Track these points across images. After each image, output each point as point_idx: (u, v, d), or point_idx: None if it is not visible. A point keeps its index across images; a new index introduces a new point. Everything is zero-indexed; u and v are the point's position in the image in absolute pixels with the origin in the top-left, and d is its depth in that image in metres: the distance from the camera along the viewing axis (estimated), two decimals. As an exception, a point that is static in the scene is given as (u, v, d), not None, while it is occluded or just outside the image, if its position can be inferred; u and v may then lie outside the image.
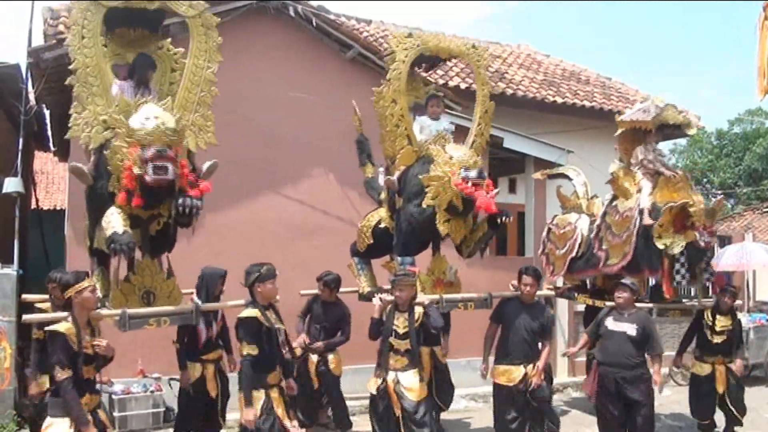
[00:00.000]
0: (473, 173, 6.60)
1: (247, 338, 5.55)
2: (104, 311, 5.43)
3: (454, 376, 8.39)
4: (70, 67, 5.61)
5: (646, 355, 7.17)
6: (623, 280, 7.34)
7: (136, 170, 5.20)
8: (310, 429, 7.96)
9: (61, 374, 4.66)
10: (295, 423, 7.85)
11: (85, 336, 4.87)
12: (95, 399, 5.00)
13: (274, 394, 5.68)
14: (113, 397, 8.04)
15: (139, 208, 5.45)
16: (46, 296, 6.35)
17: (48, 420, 4.81)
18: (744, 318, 12.40)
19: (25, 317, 5.53)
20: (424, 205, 6.84)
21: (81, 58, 5.58)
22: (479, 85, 7.51)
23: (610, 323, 7.22)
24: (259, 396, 5.56)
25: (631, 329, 7.04)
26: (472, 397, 9.97)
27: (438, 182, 6.71)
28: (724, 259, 12.65)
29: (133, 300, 5.63)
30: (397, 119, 7.03)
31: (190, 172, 5.61)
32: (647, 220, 7.77)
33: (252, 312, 5.62)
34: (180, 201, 5.40)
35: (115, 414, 8.01)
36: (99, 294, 5.09)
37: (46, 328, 4.86)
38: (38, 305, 6.23)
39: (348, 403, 8.09)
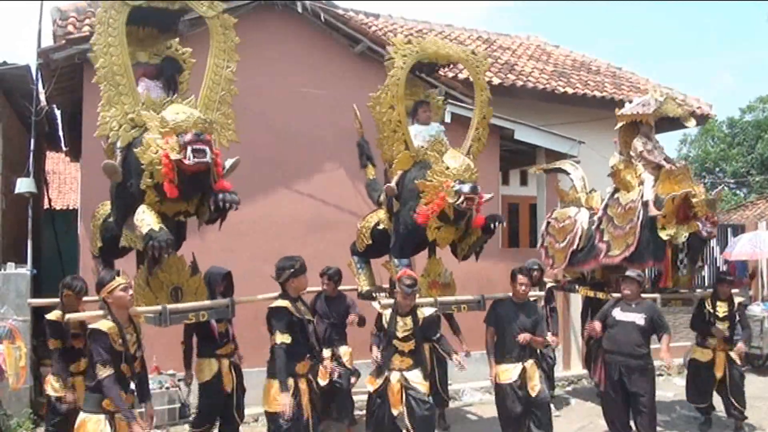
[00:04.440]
0: (467, 188, 6.63)
1: (280, 327, 5.64)
2: (143, 308, 5.48)
3: (468, 369, 8.39)
4: (96, 66, 5.63)
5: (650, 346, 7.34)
6: (629, 273, 7.46)
7: (174, 156, 5.24)
8: (323, 423, 8.02)
9: (103, 371, 4.69)
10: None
11: (127, 335, 4.90)
12: (131, 397, 5.03)
13: (303, 384, 5.75)
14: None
15: (173, 201, 5.51)
16: (53, 300, 6.38)
17: (82, 415, 4.85)
18: (758, 307, 12.37)
19: (69, 316, 5.59)
20: (418, 210, 6.89)
21: (107, 57, 5.60)
22: (478, 90, 7.49)
23: (618, 313, 7.39)
24: (289, 385, 5.63)
25: (639, 319, 7.25)
26: (486, 390, 9.96)
27: (432, 191, 6.76)
28: (738, 248, 12.60)
29: (162, 296, 5.71)
30: (394, 125, 7.05)
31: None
32: (653, 211, 7.85)
33: (282, 302, 5.73)
34: (220, 197, 5.51)
35: (131, 411, 8.05)
36: (131, 291, 5.07)
37: (89, 326, 4.87)
38: (48, 316, 6.21)
39: (363, 397, 8.11)
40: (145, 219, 5.33)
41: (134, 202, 5.53)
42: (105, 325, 4.80)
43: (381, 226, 7.71)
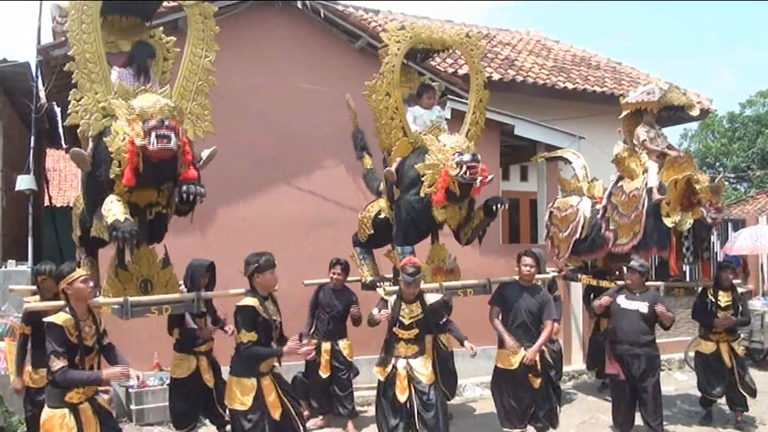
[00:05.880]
0: (467, 157, 6.58)
1: (246, 326, 5.57)
2: (104, 299, 5.42)
3: (468, 365, 8.40)
4: (69, 53, 5.57)
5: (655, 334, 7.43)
6: (631, 264, 7.52)
7: (138, 141, 5.15)
8: (325, 417, 8.04)
9: (57, 364, 4.66)
10: (306, 411, 8.07)
11: (84, 327, 4.87)
12: (92, 387, 4.99)
13: (266, 381, 5.71)
14: (130, 390, 8.09)
15: (140, 191, 5.43)
16: (34, 288, 6.37)
17: (46, 411, 4.82)
18: (758, 302, 12.38)
19: (27, 306, 5.54)
20: (421, 194, 6.85)
21: (80, 44, 5.52)
22: (473, 74, 7.45)
23: (623, 301, 7.47)
24: (252, 385, 5.62)
25: (643, 307, 7.32)
26: (487, 385, 9.95)
27: (434, 170, 6.73)
28: (738, 243, 12.60)
29: (131, 288, 5.60)
30: (391, 112, 7.03)
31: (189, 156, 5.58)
32: (657, 197, 7.84)
33: (251, 301, 5.64)
34: (184, 188, 5.38)
35: (132, 407, 8.06)
36: (92, 283, 5.04)
37: (44, 319, 4.83)
38: (26, 299, 6.24)
39: (363, 392, 8.14)
40: (112, 209, 5.23)
41: (104, 191, 5.43)
42: (60, 317, 4.76)
43: (382, 215, 7.71)
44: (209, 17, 5.99)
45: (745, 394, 8.19)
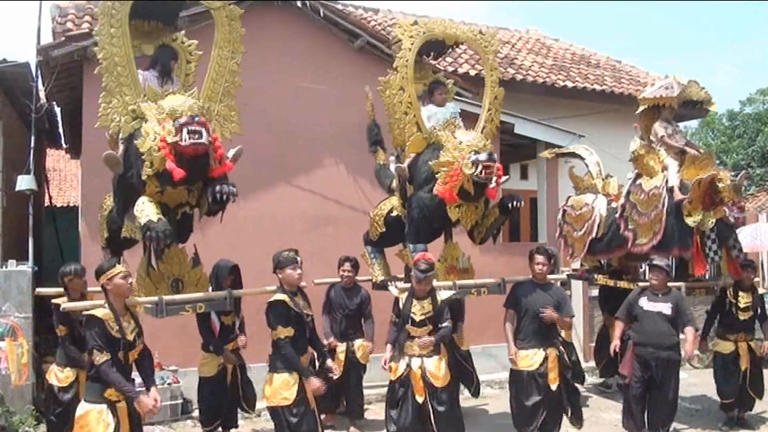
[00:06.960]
0: (483, 156, 6.51)
1: (281, 321, 5.67)
2: (140, 298, 5.48)
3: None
4: (98, 57, 5.61)
5: (680, 335, 7.24)
6: (657, 263, 7.31)
7: (170, 139, 5.20)
8: (330, 416, 8.00)
9: (100, 357, 4.68)
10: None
11: (123, 322, 4.88)
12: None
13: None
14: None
15: (171, 191, 5.51)
16: (61, 290, 6.39)
17: (83, 405, 4.83)
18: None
19: (64, 305, 5.53)
20: (434, 192, 6.76)
21: (109, 48, 5.56)
22: (488, 71, 7.42)
23: (645, 303, 7.29)
24: (294, 379, 5.66)
25: (666, 308, 7.16)
26: (488, 383, 9.95)
27: (448, 168, 6.64)
28: (738, 241, 12.57)
29: (163, 288, 5.69)
30: (405, 107, 6.98)
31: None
32: (679, 197, 7.65)
33: (281, 296, 5.74)
34: (217, 188, 5.47)
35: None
36: (131, 280, 5.11)
37: (84, 313, 4.89)
38: (55, 300, 6.27)
39: (366, 391, 8.12)
40: (145, 210, 5.32)
41: (135, 193, 5.53)
42: (100, 311, 4.80)
43: (394, 213, 7.60)
44: (235, 20, 6.07)
45: (753, 395, 8.13)
